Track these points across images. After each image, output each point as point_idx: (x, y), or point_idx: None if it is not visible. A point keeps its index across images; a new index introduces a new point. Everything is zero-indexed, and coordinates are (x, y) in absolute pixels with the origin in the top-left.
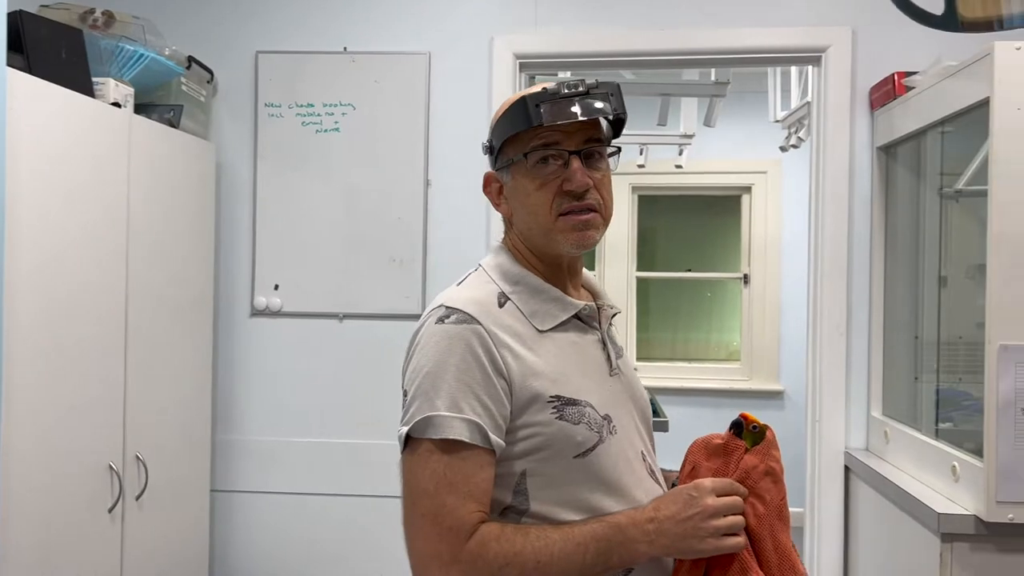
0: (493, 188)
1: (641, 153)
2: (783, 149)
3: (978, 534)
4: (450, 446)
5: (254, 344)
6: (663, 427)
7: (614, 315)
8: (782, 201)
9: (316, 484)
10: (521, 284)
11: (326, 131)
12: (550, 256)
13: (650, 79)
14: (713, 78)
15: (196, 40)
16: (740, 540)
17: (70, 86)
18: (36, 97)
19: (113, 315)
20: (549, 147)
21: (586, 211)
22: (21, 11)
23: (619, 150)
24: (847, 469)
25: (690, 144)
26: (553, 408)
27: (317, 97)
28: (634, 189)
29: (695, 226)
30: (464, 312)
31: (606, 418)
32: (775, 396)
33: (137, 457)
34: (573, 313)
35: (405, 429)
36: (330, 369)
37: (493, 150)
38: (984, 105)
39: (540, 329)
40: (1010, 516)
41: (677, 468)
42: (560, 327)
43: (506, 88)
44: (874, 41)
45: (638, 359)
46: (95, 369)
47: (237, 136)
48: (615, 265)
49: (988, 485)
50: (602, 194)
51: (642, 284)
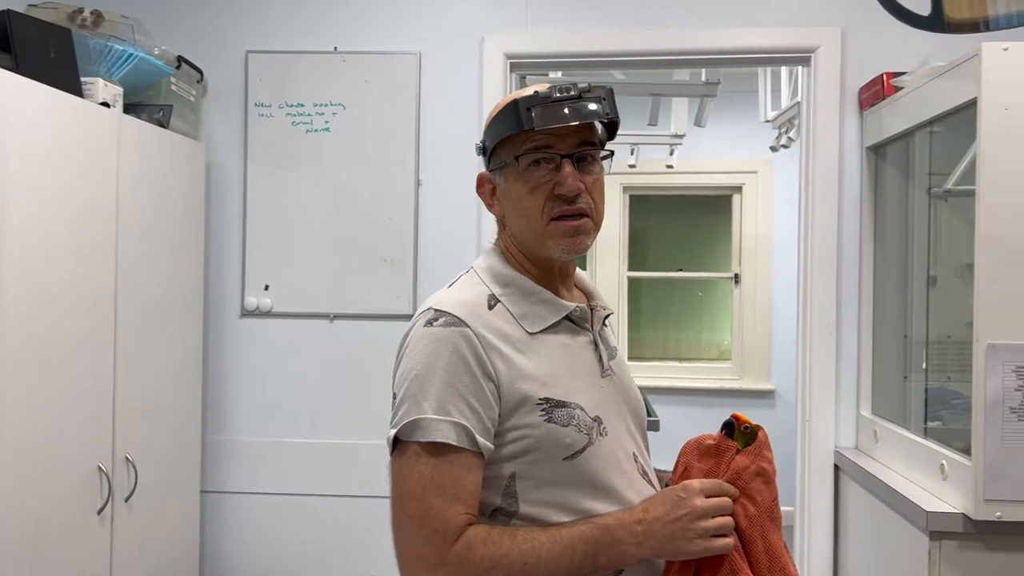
0: (486, 189)
1: (632, 153)
2: (773, 149)
3: (966, 532)
4: (437, 449)
5: (244, 344)
6: (654, 427)
7: (607, 316)
8: (772, 201)
9: (307, 485)
10: (512, 286)
11: (316, 131)
12: (541, 259)
13: (641, 79)
14: (704, 78)
15: (186, 40)
16: (729, 541)
17: (58, 86)
18: (24, 97)
19: (102, 316)
20: (541, 150)
21: (577, 216)
22: (9, 10)
23: (612, 153)
24: (837, 468)
25: (681, 144)
26: (542, 410)
27: (307, 97)
28: (625, 189)
29: (686, 226)
30: (452, 315)
31: (596, 420)
32: (766, 395)
33: (126, 458)
34: (564, 315)
35: (393, 432)
36: (321, 369)
37: (486, 151)
38: (972, 105)
39: (530, 331)
40: (998, 514)
41: (670, 468)
42: (551, 329)
43: (497, 88)
44: (863, 41)
45: (629, 359)
46: (84, 370)
47: (227, 136)
48: (606, 265)
49: (976, 483)
50: (594, 198)
51: (633, 284)
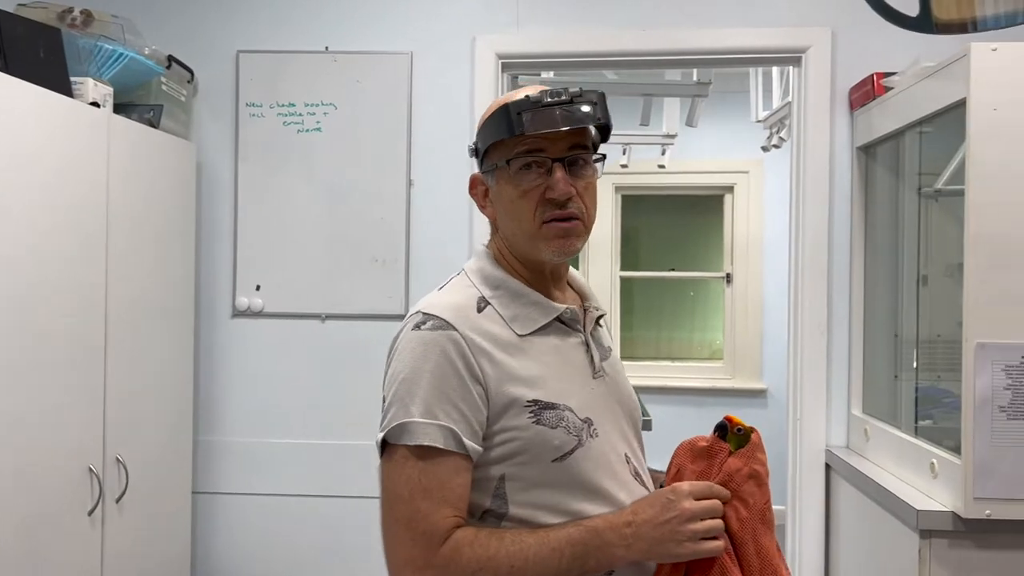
0: (479, 190)
1: (624, 153)
2: (765, 149)
3: (956, 530)
4: (424, 452)
5: (236, 345)
6: (647, 426)
7: (600, 317)
8: (764, 201)
9: (299, 485)
10: (502, 288)
11: (308, 131)
12: (533, 261)
13: (632, 79)
14: (695, 78)
15: (176, 39)
16: (718, 544)
17: (48, 86)
18: (13, 97)
19: (92, 316)
20: (533, 154)
21: (568, 219)
22: None
23: (603, 157)
24: (828, 467)
25: (673, 144)
26: (530, 412)
27: (299, 97)
28: (617, 189)
29: (678, 226)
30: (440, 318)
31: (586, 421)
32: (758, 395)
33: (117, 459)
34: (554, 317)
35: (381, 435)
36: (312, 370)
37: (479, 153)
38: (961, 106)
39: (520, 333)
40: (987, 512)
41: (664, 468)
42: (541, 331)
43: (488, 88)
44: (853, 42)
45: (622, 358)
46: (74, 370)
47: (218, 136)
48: (599, 265)
49: (966, 482)
50: (585, 202)
51: (626, 283)
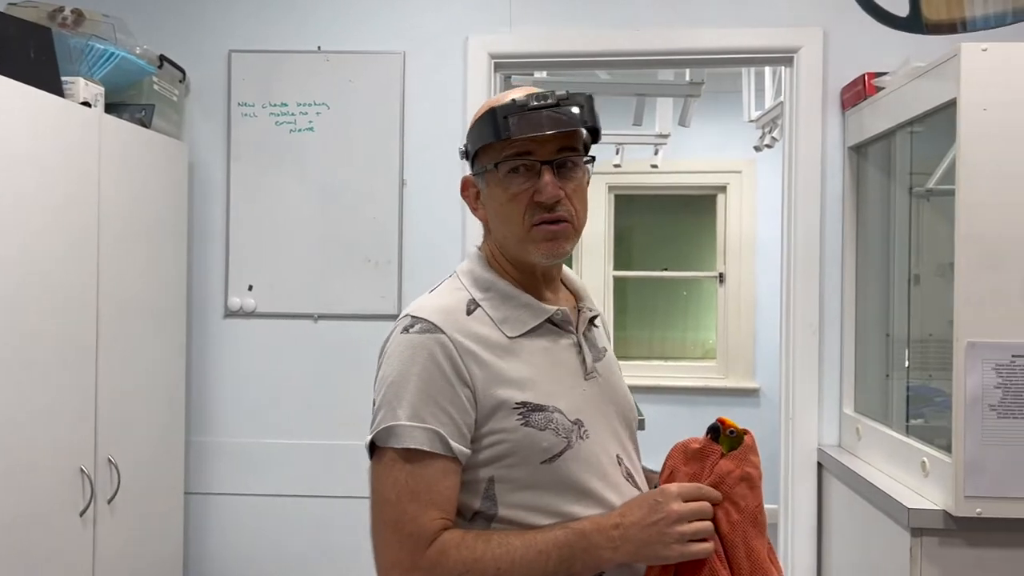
0: (471, 193)
1: (617, 153)
2: (757, 149)
3: (947, 528)
4: (412, 455)
5: (228, 345)
6: (640, 425)
7: (593, 318)
8: (757, 200)
9: (292, 486)
10: (492, 291)
11: (300, 131)
12: (524, 263)
13: (625, 79)
14: (688, 78)
15: (168, 39)
16: (707, 546)
17: (39, 85)
18: (3, 96)
19: (83, 316)
20: (521, 157)
21: (557, 222)
22: None
23: (593, 159)
24: (820, 466)
25: (666, 144)
26: (519, 415)
27: (291, 97)
28: (610, 189)
29: (671, 225)
30: (428, 321)
31: (576, 423)
32: (751, 394)
33: (109, 460)
34: (544, 319)
35: (369, 438)
36: (305, 370)
37: (469, 155)
38: (952, 106)
39: (510, 336)
40: (978, 510)
41: (659, 468)
42: (531, 333)
43: (481, 88)
44: (845, 42)
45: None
46: (65, 370)
47: (210, 136)
48: (592, 265)
49: (956, 480)
50: (574, 204)
51: (619, 283)
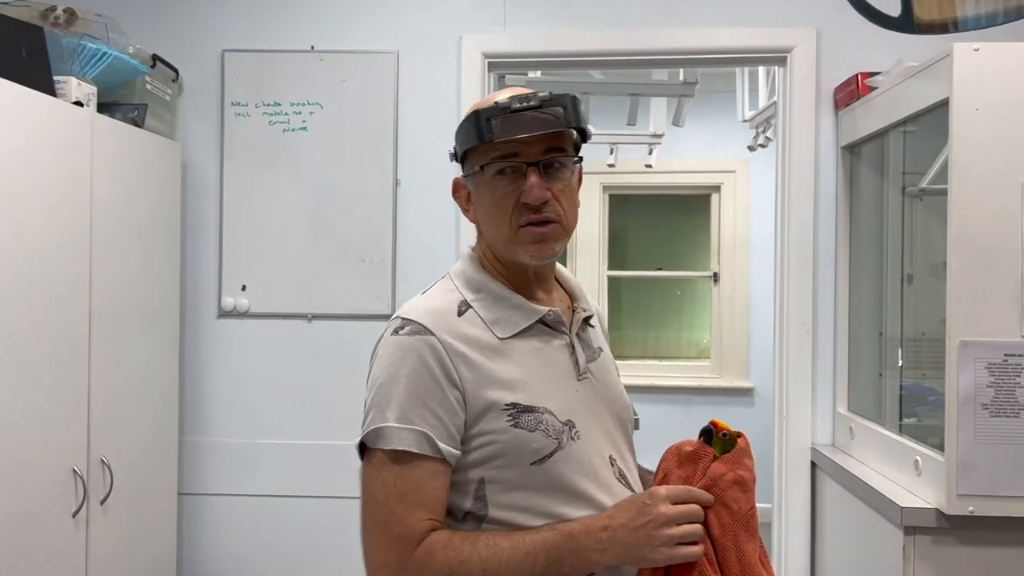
0: (462, 194)
1: (611, 152)
2: (751, 148)
3: (940, 527)
4: (400, 456)
5: (221, 345)
6: (635, 425)
7: (587, 317)
8: (750, 200)
9: (286, 486)
10: (483, 292)
11: (293, 130)
12: (515, 263)
13: (619, 79)
14: (681, 78)
15: (161, 38)
16: (695, 550)
17: (30, 85)
18: None
19: (76, 316)
20: (507, 159)
21: (545, 223)
22: None
23: (581, 159)
24: (813, 465)
25: (660, 144)
26: (508, 416)
27: (284, 96)
28: (605, 188)
29: (665, 225)
30: (418, 323)
31: (567, 424)
32: (745, 393)
33: (102, 460)
34: (535, 320)
35: (359, 439)
36: (299, 370)
37: (458, 158)
38: (944, 105)
39: (500, 337)
40: (970, 509)
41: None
42: (523, 334)
43: (475, 88)
44: (838, 42)
45: None
46: (58, 371)
47: (203, 135)
48: (586, 264)
49: (949, 479)
50: (563, 204)
51: (613, 283)
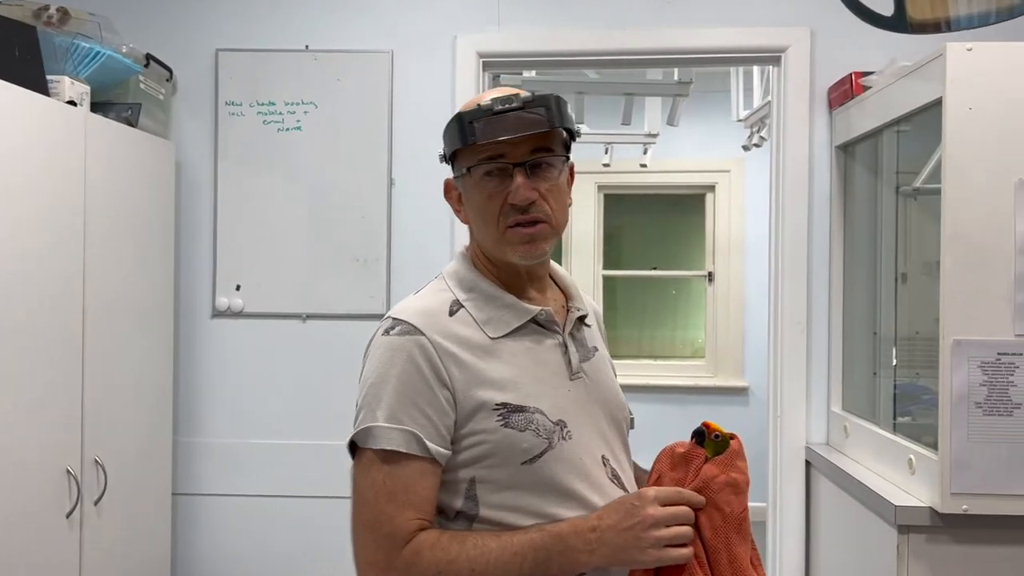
0: (453, 196)
1: (606, 152)
2: (745, 148)
3: (933, 525)
4: (389, 456)
5: (216, 345)
6: (630, 425)
7: (582, 317)
8: (745, 199)
9: (280, 486)
10: (475, 291)
11: (288, 130)
12: (505, 263)
13: (614, 78)
14: (676, 78)
15: (155, 38)
16: (684, 552)
17: (23, 84)
18: None
19: (70, 316)
20: (494, 160)
21: (533, 223)
22: None
23: (567, 158)
24: (808, 463)
25: (654, 143)
26: (499, 416)
27: (278, 95)
28: (600, 188)
29: (660, 224)
30: (408, 323)
31: (559, 424)
32: (739, 392)
33: (96, 460)
34: (527, 319)
35: (349, 438)
36: (294, 370)
37: (447, 159)
38: (937, 105)
39: (492, 336)
40: (964, 507)
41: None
42: (514, 333)
43: (470, 87)
44: (832, 41)
45: None
46: (51, 371)
47: (197, 135)
48: (581, 264)
49: (943, 477)
50: (550, 204)
51: (608, 282)
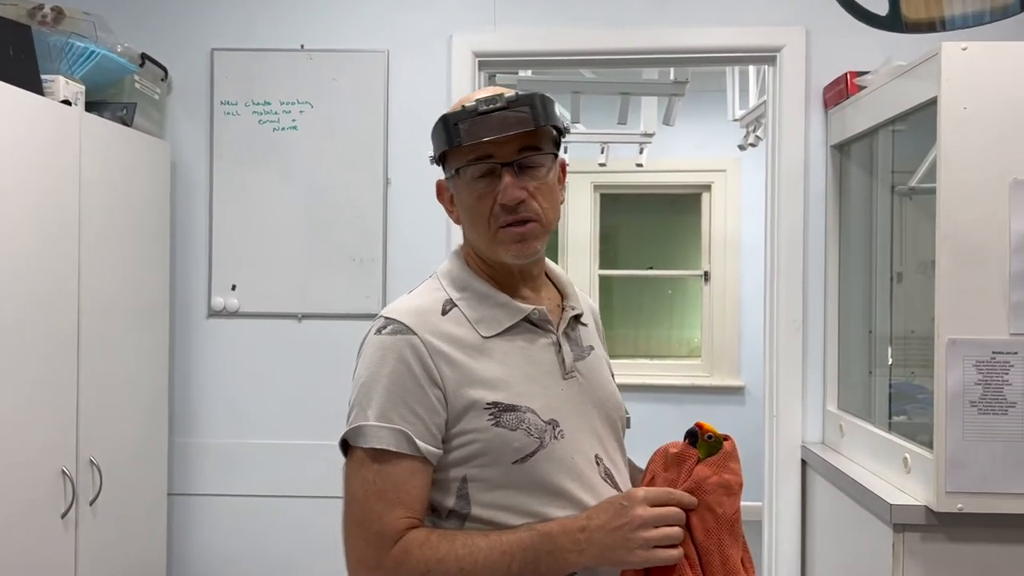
0: (445, 197)
1: (602, 152)
2: (741, 148)
3: (929, 524)
4: (379, 455)
5: (211, 345)
6: (627, 424)
7: (576, 316)
8: (741, 199)
9: (276, 486)
10: (468, 290)
11: (283, 129)
12: (498, 263)
13: (610, 78)
14: (672, 77)
15: (150, 37)
16: (672, 553)
17: (18, 83)
18: None
19: (64, 317)
20: (481, 161)
21: (523, 222)
22: None
23: (556, 156)
24: (804, 463)
25: (650, 143)
26: (490, 415)
27: (274, 95)
28: (596, 187)
29: (656, 224)
30: (399, 323)
31: (551, 423)
32: (736, 392)
33: (91, 461)
34: (520, 318)
35: (340, 437)
36: (289, 370)
37: (437, 161)
38: (932, 104)
39: (484, 335)
40: (959, 506)
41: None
42: (507, 332)
43: (466, 87)
44: (827, 41)
45: None
46: (46, 371)
47: (192, 134)
48: (578, 263)
49: (938, 476)
50: (540, 202)
51: (604, 282)
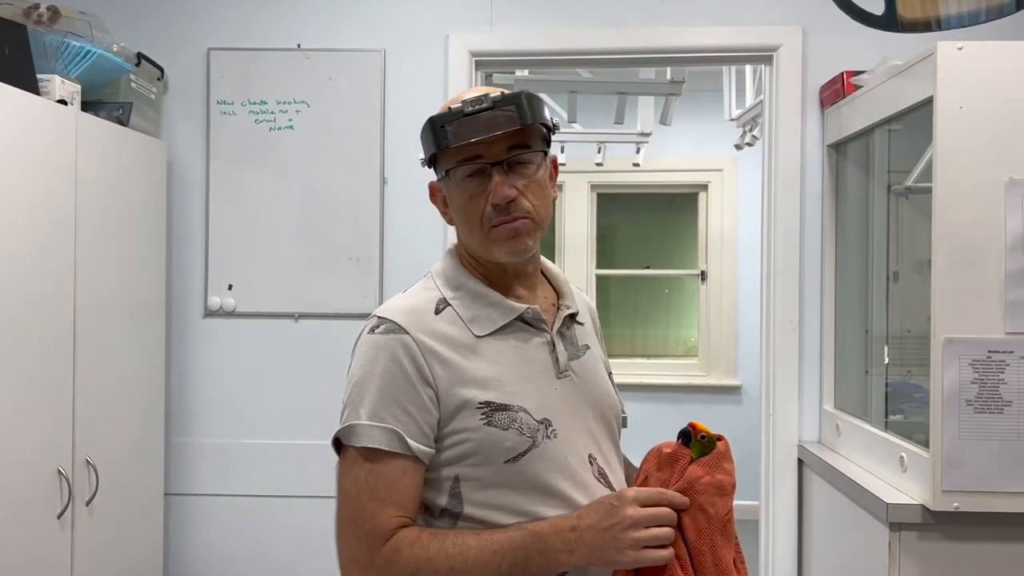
0: (438, 198)
1: (599, 151)
2: (738, 147)
3: (925, 523)
4: (371, 454)
5: (208, 345)
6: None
7: (572, 315)
8: (738, 198)
9: (272, 486)
10: (462, 290)
11: (280, 129)
12: (492, 262)
13: (606, 77)
14: (669, 77)
15: (146, 36)
16: (663, 553)
17: (13, 83)
18: None
19: (61, 317)
20: (471, 161)
21: (515, 220)
22: None
23: (546, 153)
24: (800, 462)
25: (647, 142)
26: (482, 414)
27: (270, 94)
28: (593, 187)
29: (653, 223)
30: (392, 322)
31: (543, 422)
32: (732, 391)
33: (87, 461)
34: (513, 317)
35: (333, 436)
36: (286, 369)
37: (428, 163)
38: (928, 104)
39: (477, 335)
40: (955, 505)
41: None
42: (501, 331)
43: (462, 86)
44: (824, 41)
45: None
46: (42, 370)
47: (189, 134)
48: (575, 263)
49: (934, 475)
50: (531, 200)
51: (602, 281)
